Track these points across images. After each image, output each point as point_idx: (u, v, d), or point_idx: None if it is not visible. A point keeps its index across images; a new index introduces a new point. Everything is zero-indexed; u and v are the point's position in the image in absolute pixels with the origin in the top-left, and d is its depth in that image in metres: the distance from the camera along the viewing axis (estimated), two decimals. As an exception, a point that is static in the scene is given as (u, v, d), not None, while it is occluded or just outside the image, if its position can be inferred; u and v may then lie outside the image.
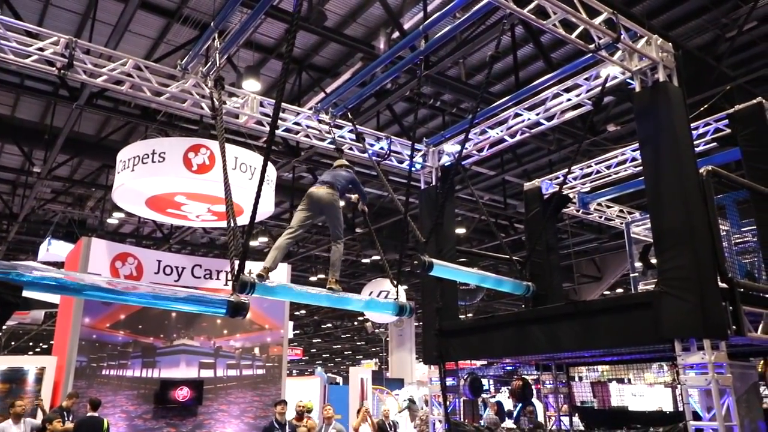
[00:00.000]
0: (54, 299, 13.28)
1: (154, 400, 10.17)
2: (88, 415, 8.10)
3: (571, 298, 18.31)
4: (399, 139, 8.38)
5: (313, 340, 41.94)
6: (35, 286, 3.74)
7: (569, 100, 7.15)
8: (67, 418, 8.15)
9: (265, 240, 18.03)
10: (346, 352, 49.50)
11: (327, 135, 7.62)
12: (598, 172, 9.03)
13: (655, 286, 5.52)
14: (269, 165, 9.67)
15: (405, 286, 19.74)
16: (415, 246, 8.65)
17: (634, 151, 8.43)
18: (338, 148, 7.47)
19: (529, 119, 7.58)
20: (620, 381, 15.19)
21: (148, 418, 10.06)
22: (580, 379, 12.06)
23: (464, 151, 7.78)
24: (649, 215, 5.98)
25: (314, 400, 12.70)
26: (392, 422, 11.55)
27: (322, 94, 9.78)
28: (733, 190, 6.97)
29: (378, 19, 9.09)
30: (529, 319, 6.64)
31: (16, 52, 5.93)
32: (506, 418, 11.87)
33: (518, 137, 7.89)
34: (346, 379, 16.87)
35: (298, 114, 7.61)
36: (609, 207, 10.68)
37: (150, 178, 8.31)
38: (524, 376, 9.03)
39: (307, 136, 7.73)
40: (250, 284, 4.61)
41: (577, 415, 8.42)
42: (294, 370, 37.23)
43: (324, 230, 13.53)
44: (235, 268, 4.52)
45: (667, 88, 5.68)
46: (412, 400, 14.78)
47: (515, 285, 7.38)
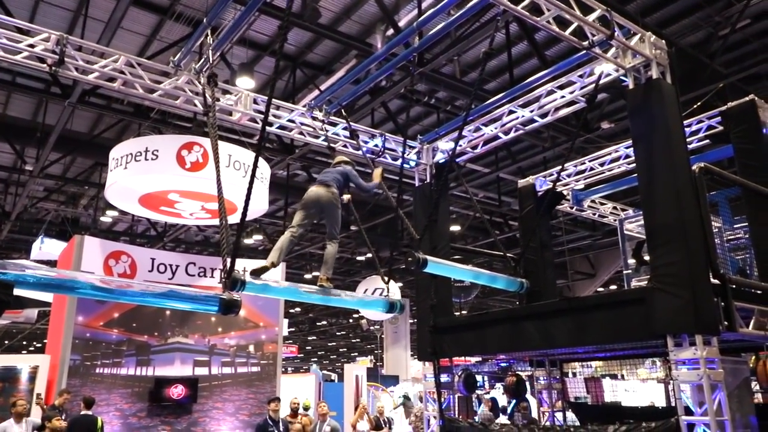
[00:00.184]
0: (47, 298, 13.22)
1: (149, 398, 10.15)
2: (82, 413, 8.08)
3: (565, 295, 18.35)
4: (393, 137, 8.37)
5: (309, 338, 41.94)
6: (25, 284, 3.72)
7: (563, 97, 7.16)
8: (59, 417, 8.10)
9: (259, 238, 17.99)
10: (341, 350, 49.52)
11: (321, 132, 7.61)
12: (592, 170, 9.05)
13: (647, 282, 5.54)
14: (264, 163, 9.69)
15: (400, 284, 19.76)
16: (410, 243, 8.65)
17: (628, 148, 8.44)
18: (330, 146, 7.46)
19: (523, 116, 7.59)
20: (614, 377, 15.27)
21: (143, 416, 10.05)
22: (574, 375, 12.12)
23: (458, 148, 7.78)
24: (642, 212, 6.00)
25: (309, 398, 12.71)
26: (387, 419, 11.58)
27: (316, 92, 9.76)
28: (725, 187, 7.00)
29: (372, 16, 9.08)
30: (522, 316, 6.66)
31: (7, 48, 5.88)
32: (500, 414, 11.93)
33: (512, 134, 7.91)
34: (341, 377, 16.87)
35: (293, 111, 7.58)
36: (602, 204, 10.70)
37: (143, 175, 8.29)
38: (518, 373, 9.05)
39: (302, 133, 7.71)
40: (240, 281, 4.61)
41: (571, 410, 8.46)
42: (289, 368, 37.24)
43: (319, 228, 13.50)
44: (227, 266, 4.51)
45: (661, 86, 5.70)
46: (407, 397, 14.84)
47: (509, 282, 7.40)
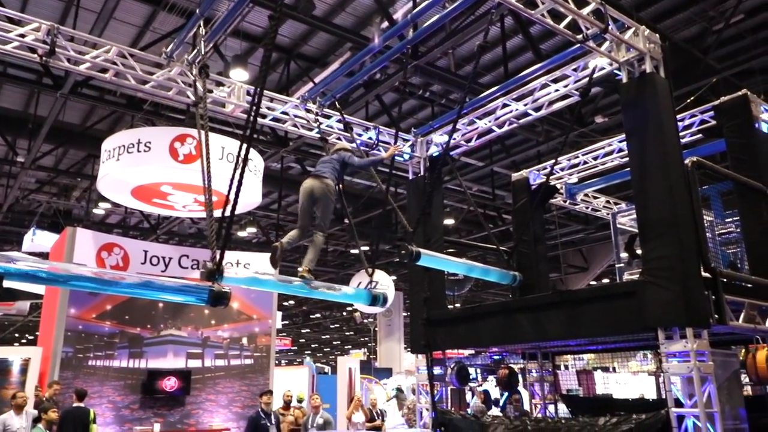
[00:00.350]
0: (40, 290, 13.16)
1: (142, 391, 10.15)
2: (74, 405, 8.06)
3: (558, 288, 18.44)
4: (387, 129, 8.35)
5: (302, 330, 41.97)
6: (14, 276, 3.68)
7: (557, 90, 7.16)
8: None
9: (253, 230, 17.94)
10: (334, 342, 49.62)
11: (314, 125, 7.58)
12: (585, 163, 9.07)
13: (639, 275, 5.57)
14: (257, 155, 9.65)
15: (394, 277, 19.78)
16: (404, 236, 8.65)
17: (621, 142, 8.46)
18: (323, 138, 7.44)
19: (517, 110, 7.58)
20: (605, 369, 15.36)
21: (136, 408, 10.05)
22: (566, 367, 12.17)
23: (452, 141, 7.78)
24: (634, 206, 6.02)
25: (303, 390, 12.75)
26: (380, 411, 11.62)
27: (310, 84, 9.72)
28: (717, 181, 7.04)
29: (367, 8, 9.04)
30: (515, 309, 6.69)
31: (-3, 38, 5.82)
32: (493, 406, 12.01)
33: (506, 128, 7.90)
34: (335, 369, 16.90)
35: (286, 103, 7.55)
36: (596, 198, 10.74)
37: (135, 167, 8.24)
38: (511, 365, 9.10)
39: (295, 126, 7.68)
40: (217, 271, 4.52)
41: (562, 402, 8.52)
42: (283, 360, 37.29)
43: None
44: (217, 258, 4.50)
45: (654, 80, 5.71)
46: (399, 389, 14.91)
47: (502, 275, 7.43)
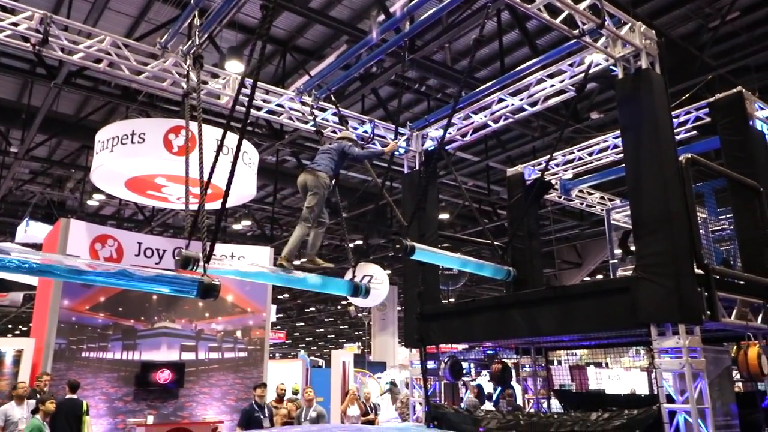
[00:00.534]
0: (33, 281, 13.09)
1: (135, 383, 10.13)
2: (67, 397, 8.04)
3: (552, 284, 18.51)
4: (383, 123, 8.33)
5: (297, 324, 42.00)
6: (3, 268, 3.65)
7: (553, 86, 7.17)
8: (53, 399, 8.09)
9: (248, 223, 17.90)
10: (329, 336, 49.66)
11: (310, 117, 7.55)
12: (580, 159, 9.09)
13: (632, 271, 5.59)
14: (252, 148, 9.60)
15: (388, 271, 19.79)
16: (398, 230, 8.64)
17: (616, 138, 8.48)
18: (318, 131, 7.41)
19: (513, 105, 7.58)
20: (598, 365, 15.46)
21: (129, 401, 10.04)
22: (559, 363, 12.24)
23: (448, 136, 7.77)
24: (629, 202, 6.03)
25: (297, 383, 12.77)
26: (373, 404, 11.66)
27: (306, 77, 9.68)
28: (711, 178, 7.06)
29: (364, 1, 8.99)
30: (509, 304, 6.71)
31: (-10, 26, 5.76)
32: (486, 400, 12.05)
33: (502, 123, 7.91)
34: (329, 363, 16.93)
35: (282, 96, 7.51)
36: (590, 194, 10.76)
37: (129, 159, 8.19)
38: (504, 360, 9.14)
39: (291, 118, 7.64)
40: (193, 260, 4.54)
41: (555, 397, 8.56)
42: (277, 354, 37.30)
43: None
44: (206, 249, 4.48)
45: (650, 76, 5.71)
46: (393, 383, 14.94)
47: (496, 270, 7.44)
